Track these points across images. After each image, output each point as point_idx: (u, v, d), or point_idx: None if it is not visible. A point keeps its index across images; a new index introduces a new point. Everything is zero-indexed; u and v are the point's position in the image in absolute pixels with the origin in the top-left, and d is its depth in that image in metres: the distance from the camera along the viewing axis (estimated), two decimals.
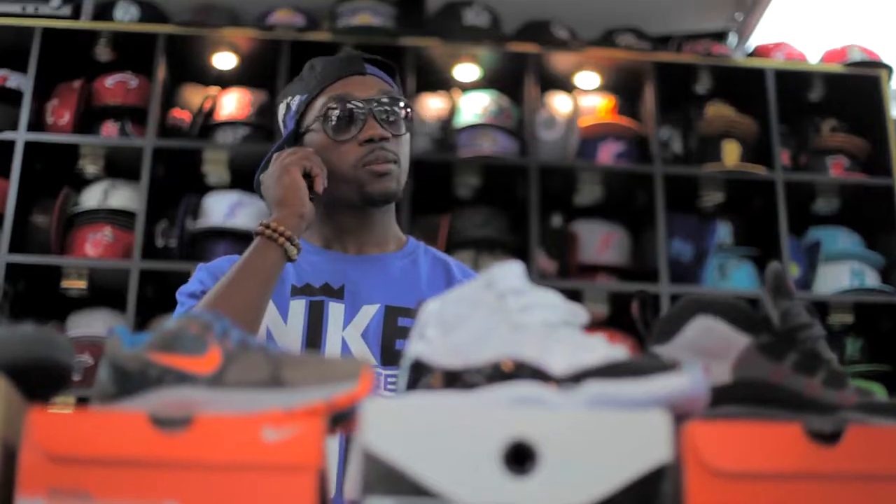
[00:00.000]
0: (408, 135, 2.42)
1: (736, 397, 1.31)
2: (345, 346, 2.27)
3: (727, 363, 1.37)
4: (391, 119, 2.36)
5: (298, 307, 2.28)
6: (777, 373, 1.35)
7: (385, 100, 2.36)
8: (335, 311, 2.29)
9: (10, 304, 4.58)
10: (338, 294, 2.32)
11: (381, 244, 2.45)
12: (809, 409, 1.29)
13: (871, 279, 5.15)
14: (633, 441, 1.10)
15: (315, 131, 2.37)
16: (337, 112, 2.34)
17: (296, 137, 2.41)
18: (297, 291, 2.34)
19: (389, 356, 2.26)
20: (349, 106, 2.33)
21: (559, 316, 1.29)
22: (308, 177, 2.27)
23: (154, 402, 1.20)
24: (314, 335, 2.26)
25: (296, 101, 2.43)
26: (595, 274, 5.20)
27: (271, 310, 2.26)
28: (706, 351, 1.37)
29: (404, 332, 2.30)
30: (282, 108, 2.49)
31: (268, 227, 2.17)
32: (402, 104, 2.38)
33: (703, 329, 1.39)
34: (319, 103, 2.38)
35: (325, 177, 2.29)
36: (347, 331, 2.29)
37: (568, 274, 5.09)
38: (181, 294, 2.31)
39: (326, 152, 2.33)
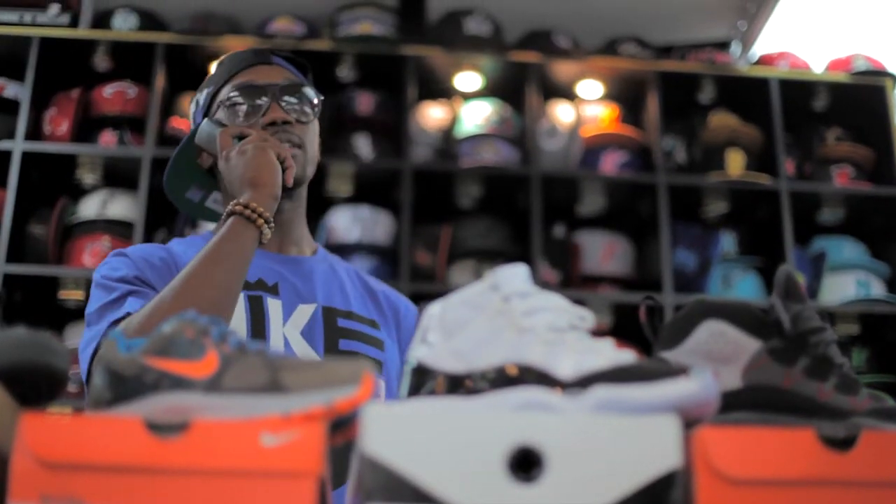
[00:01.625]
0: (315, 123, 2.39)
1: (747, 403, 1.30)
2: (287, 343, 2.22)
3: (737, 368, 1.35)
4: (295, 104, 2.33)
5: (239, 300, 2.18)
6: (788, 378, 1.33)
7: (287, 83, 2.34)
8: (274, 307, 2.23)
9: (7, 315, 4.56)
10: (273, 291, 2.27)
11: (299, 245, 2.40)
12: (822, 415, 1.28)
13: (877, 289, 5.13)
14: (642, 447, 1.09)
15: (220, 120, 2.33)
16: (239, 98, 2.31)
17: None
18: None
19: (334, 356, 2.22)
20: (251, 91, 2.31)
21: (565, 320, 1.27)
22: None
23: (150, 407, 1.18)
24: (258, 330, 2.20)
25: (202, 96, 2.40)
26: (598, 284, 5.19)
27: None
28: (715, 356, 1.36)
29: (346, 333, 2.29)
30: (192, 107, 2.46)
31: (246, 206, 2.10)
32: (307, 90, 2.35)
33: (713, 333, 1.37)
34: (223, 93, 2.35)
35: (293, 173, 2.24)
36: (287, 328, 2.23)
37: (570, 284, 5.07)
38: (107, 279, 2.20)
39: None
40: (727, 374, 1.34)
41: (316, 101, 2.38)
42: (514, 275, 1.32)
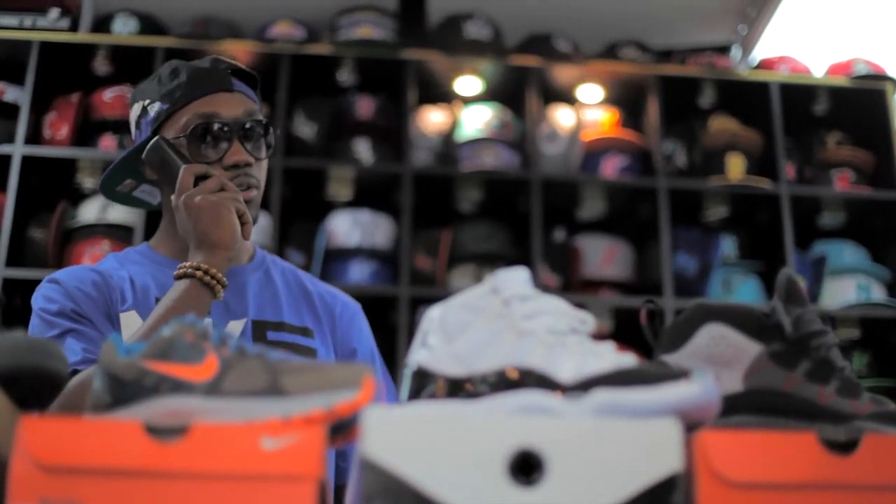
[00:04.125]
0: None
1: (748, 406, 1.29)
2: None
3: (738, 371, 1.35)
4: (256, 143, 2.31)
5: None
6: (789, 381, 1.33)
7: (250, 124, 2.30)
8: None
9: (7, 319, 4.54)
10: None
11: (235, 257, 2.33)
12: (823, 419, 1.27)
13: (878, 293, 5.13)
14: (643, 450, 1.09)
15: (177, 147, 2.28)
16: (202, 132, 2.27)
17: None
18: None
19: None
20: (215, 127, 2.27)
21: (566, 323, 1.27)
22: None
23: (150, 411, 1.17)
24: None
25: (154, 108, 2.34)
26: (598, 289, 5.18)
27: (139, 323, 2.18)
28: (717, 359, 1.35)
29: (275, 346, 2.23)
30: (136, 109, 2.39)
31: (206, 272, 2.09)
32: (266, 128, 2.33)
33: (713, 337, 1.37)
34: (183, 118, 2.29)
35: (251, 229, 2.23)
36: None
37: (570, 289, 5.06)
38: (45, 312, 2.21)
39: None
40: (728, 378, 1.34)
41: (270, 135, 2.35)
42: (515, 278, 1.32)
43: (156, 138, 2.29)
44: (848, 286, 5.10)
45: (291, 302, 2.41)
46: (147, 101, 2.36)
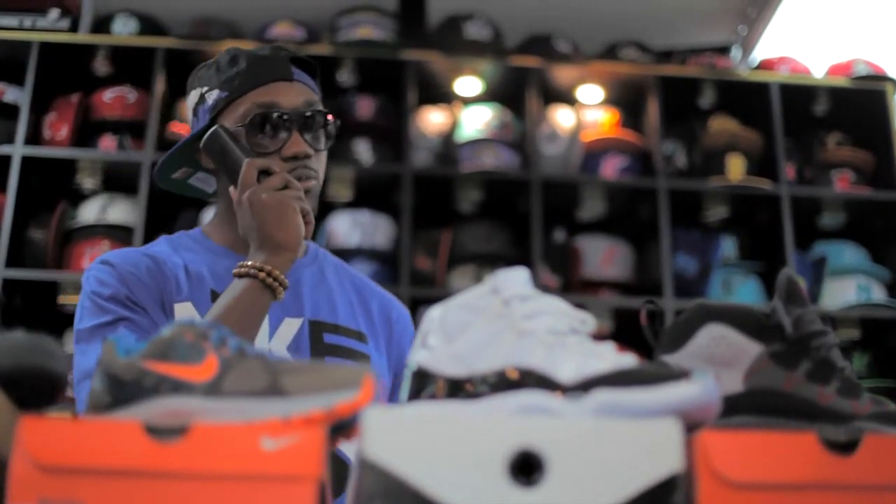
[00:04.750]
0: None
1: (748, 407, 1.29)
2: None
3: (739, 372, 1.34)
4: (315, 134, 2.27)
5: None
6: (790, 381, 1.33)
7: (310, 113, 2.26)
8: None
9: (7, 320, 4.55)
10: None
11: None
12: (824, 419, 1.27)
13: (878, 294, 5.13)
14: (644, 451, 1.09)
15: (236, 136, 2.23)
16: (261, 121, 2.22)
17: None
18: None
19: None
20: (275, 117, 2.22)
21: (566, 323, 1.26)
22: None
23: (149, 411, 1.17)
24: None
25: (213, 96, 2.29)
26: (598, 289, 5.18)
27: (193, 314, 2.15)
28: (717, 359, 1.35)
29: (333, 350, 2.25)
30: (193, 96, 2.35)
31: (269, 274, 2.06)
32: (327, 118, 2.29)
33: (714, 337, 1.37)
34: (242, 107, 2.25)
35: (312, 228, 2.19)
36: (273, 343, 2.19)
37: (570, 289, 5.06)
38: (97, 296, 2.16)
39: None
40: (728, 378, 1.34)
41: (331, 125, 2.31)
42: (515, 278, 1.31)
43: (214, 127, 2.25)
44: (848, 287, 5.11)
45: (345, 302, 2.38)
46: (205, 89, 2.32)
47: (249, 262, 2.08)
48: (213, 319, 2.02)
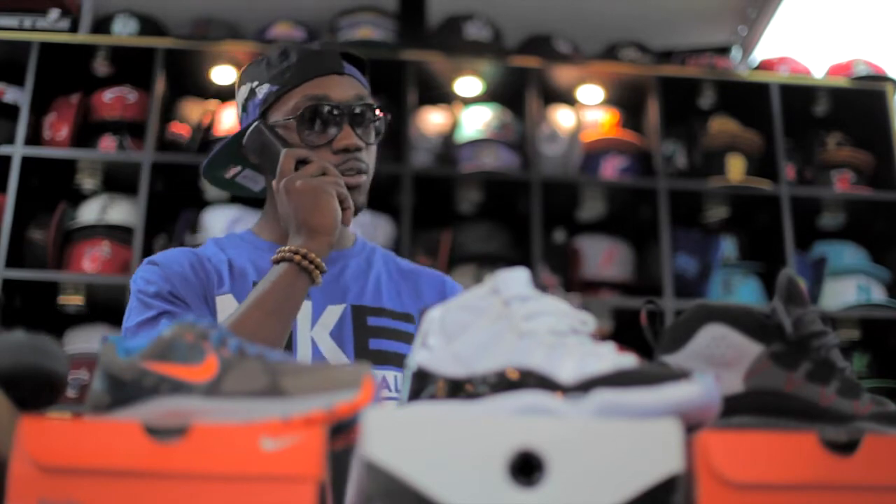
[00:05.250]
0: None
1: (749, 407, 1.29)
2: (314, 346, 2.20)
3: (739, 372, 1.34)
4: (366, 127, 2.29)
5: None
6: (790, 382, 1.33)
7: (361, 107, 2.28)
8: (302, 310, 2.19)
9: (7, 320, 4.54)
10: None
11: (338, 242, 2.34)
12: (824, 419, 1.27)
13: (878, 294, 5.13)
14: (644, 451, 1.08)
15: (285, 128, 2.27)
16: (311, 114, 2.25)
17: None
18: None
19: (364, 356, 2.20)
20: (326, 110, 2.25)
21: (566, 323, 1.26)
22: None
23: (149, 411, 1.17)
24: None
25: (263, 90, 2.32)
26: (598, 290, 5.18)
27: (235, 307, 2.17)
28: (717, 360, 1.35)
29: (377, 332, 2.27)
30: (244, 91, 2.37)
31: (304, 256, 2.08)
32: (377, 112, 2.31)
33: (714, 337, 1.37)
34: (292, 101, 2.27)
35: (352, 214, 2.22)
36: (315, 330, 2.22)
37: (571, 290, 5.05)
38: (143, 294, 2.20)
39: None
40: (729, 378, 1.34)
41: (381, 119, 2.33)
42: (515, 278, 1.31)
43: (255, 123, 2.28)
44: (848, 287, 5.10)
45: (392, 287, 2.40)
46: (255, 84, 2.34)
47: (286, 248, 2.11)
48: (252, 303, 2.07)
